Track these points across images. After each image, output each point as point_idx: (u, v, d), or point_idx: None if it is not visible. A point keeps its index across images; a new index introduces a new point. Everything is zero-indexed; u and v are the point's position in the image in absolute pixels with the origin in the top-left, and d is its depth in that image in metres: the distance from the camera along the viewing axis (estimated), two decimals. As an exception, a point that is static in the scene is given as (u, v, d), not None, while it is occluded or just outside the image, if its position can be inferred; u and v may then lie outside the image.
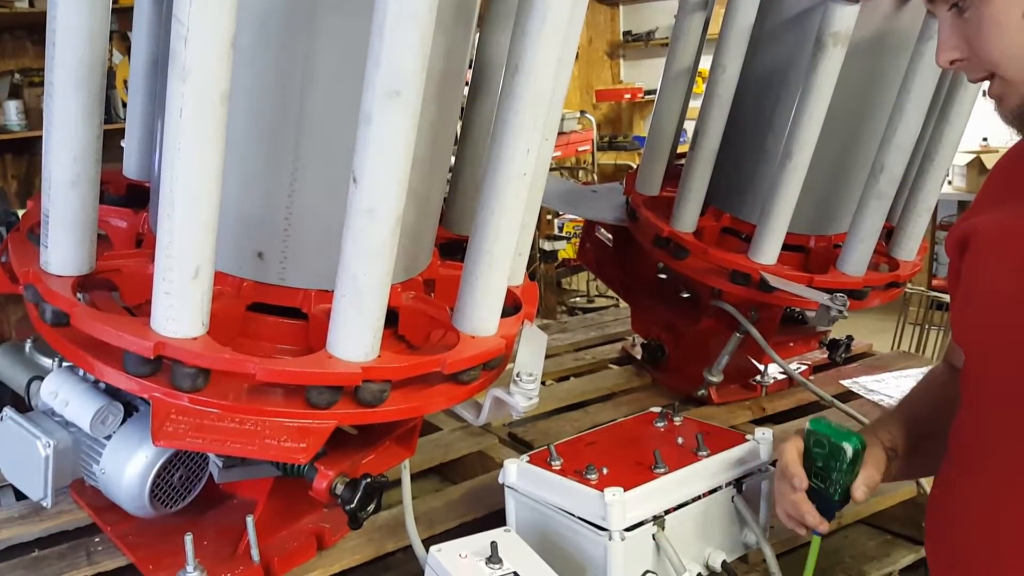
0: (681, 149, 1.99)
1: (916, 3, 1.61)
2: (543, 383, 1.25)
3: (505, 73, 1.12)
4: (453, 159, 1.45)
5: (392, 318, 1.20)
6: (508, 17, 1.28)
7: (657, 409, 1.48)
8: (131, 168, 1.44)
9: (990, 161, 5.03)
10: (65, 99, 1.07)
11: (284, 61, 1.09)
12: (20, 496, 1.46)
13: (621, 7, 7.88)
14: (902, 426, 1.17)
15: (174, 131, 0.94)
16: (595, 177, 6.59)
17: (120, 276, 1.19)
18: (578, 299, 6.17)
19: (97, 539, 1.37)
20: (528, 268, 1.43)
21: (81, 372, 1.25)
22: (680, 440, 1.33)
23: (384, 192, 1.00)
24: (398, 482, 1.36)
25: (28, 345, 1.40)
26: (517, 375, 1.22)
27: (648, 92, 7.34)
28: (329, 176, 1.12)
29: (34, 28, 4.95)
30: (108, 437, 1.24)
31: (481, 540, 1.13)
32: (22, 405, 1.36)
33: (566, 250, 5.87)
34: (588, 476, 1.21)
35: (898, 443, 1.15)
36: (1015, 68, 0.92)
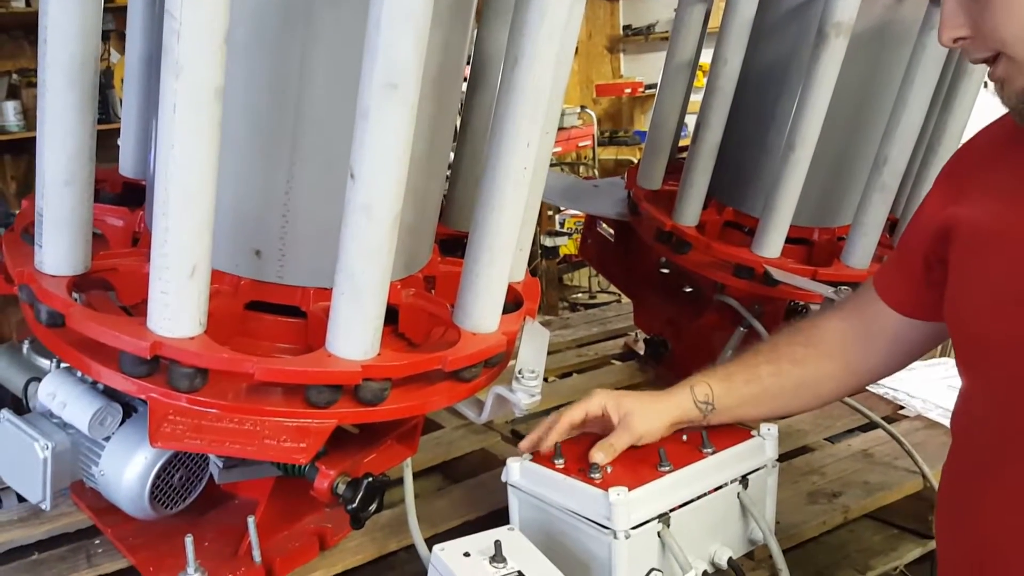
0: (683, 143, 1.97)
1: (919, -8, 1.60)
2: (545, 379, 1.23)
3: (504, 66, 1.10)
4: (452, 155, 1.44)
5: (392, 315, 1.19)
6: (507, 12, 1.26)
7: (661, 405, 1.47)
8: (127, 166, 1.42)
9: (992, 152, 5.00)
10: (57, 97, 1.06)
11: (280, 56, 1.08)
12: (23, 498, 1.45)
13: (621, 1, 7.86)
14: (728, 376, 1.30)
15: (168, 128, 0.93)
16: (596, 173, 6.58)
17: (116, 275, 1.18)
18: (580, 295, 6.15)
19: (97, 541, 1.36)
20: (529, 264, 1.42)
21: (79, 373, 1.24)
22: (684, 437, 1.32)
23: (382, 188, 0.98)
24: (400, 481, 1.35)
25: (25, 346, 1.38)
26: (519, 372, 1.21)
27: (649, 86, 7.32)
28: (327, 172, 1.10)
29: (31, 28, 4.90)
30: (107, 439, 1.23)
31: (485, 539, 1.11)
32: (20, 407, 1.35)
33: (567, 246, 5.85)
34: (592, 475, 1.20)
35: (716, 395, 1.28)
36: None
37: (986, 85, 0.98)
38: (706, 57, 1.82)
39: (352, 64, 0.96)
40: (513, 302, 1.30)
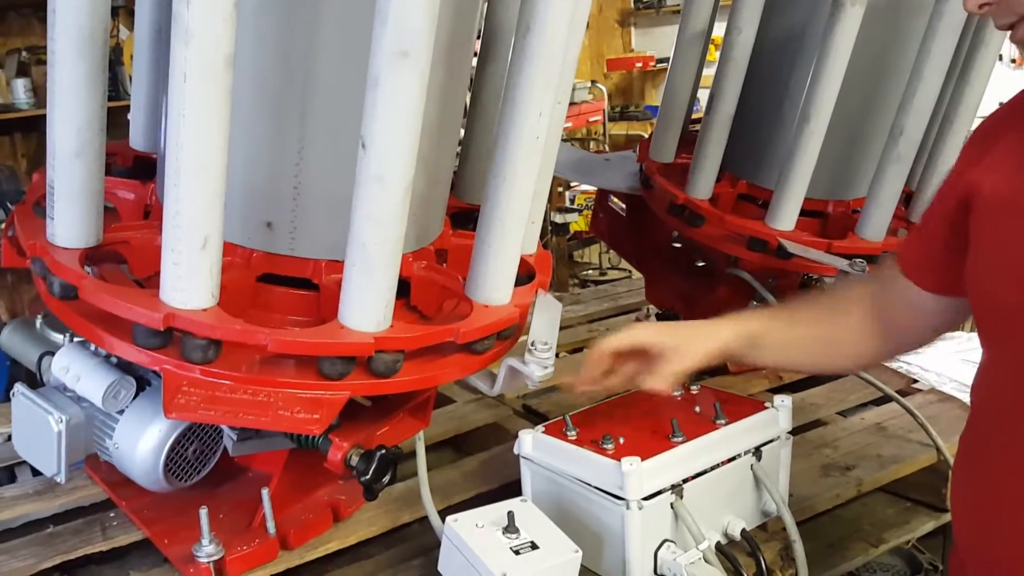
0: (696, 116, 1.95)
1: (936, -40, 1.57)
2: (557, 355, 1.23)
3: (516, 34, 1.09)
4: (463, 129, 1.43)
5: (404, 288, 1.18)
6: (518, -20, 1.25)
7: (673, 378, 1.46)
8: (138, 140, 1.42)
9: (1008, 126, 4.94)
10: (67, 68, 1.05)
11: (289, 23, 1.07)
12: (38, 472, 1.45)
13: (631, -25, 7.77)
14: (770, 317, 1.26)
15: (178, 97, 0.92)
16: (606, 148, 6.53)
17: (128, 248, 1.18)
18: (590, 272, 6.14)
19: (112, 514, 1.37)
20: (540, 241, 1.41)
21: (92, 347, 1.24)
22: (698, 408, 1.32)
23: (393, 157, 0.97)
24: (413, 454, 1.35)
25: (39, 321, 1.39)
26: (532, 344, 1.21)
27: (660, 60, 7.24)
28: (337, 143, 1.09)
29: (40, 5, 4.85)
30: (121, 412, 1.23)
31: (498, 510, 1.12)
32: (34, 381, 1.35)
33: (578, 222, 5.83)
34: (604, 446, 1.20)
35: (760, 334, 1.21)
36: None
37: (1001, 58, 0.97)
38: (719, 30, 1.80)
39: (363, 31, 0.95)
40: (525, 274, 1.29)
